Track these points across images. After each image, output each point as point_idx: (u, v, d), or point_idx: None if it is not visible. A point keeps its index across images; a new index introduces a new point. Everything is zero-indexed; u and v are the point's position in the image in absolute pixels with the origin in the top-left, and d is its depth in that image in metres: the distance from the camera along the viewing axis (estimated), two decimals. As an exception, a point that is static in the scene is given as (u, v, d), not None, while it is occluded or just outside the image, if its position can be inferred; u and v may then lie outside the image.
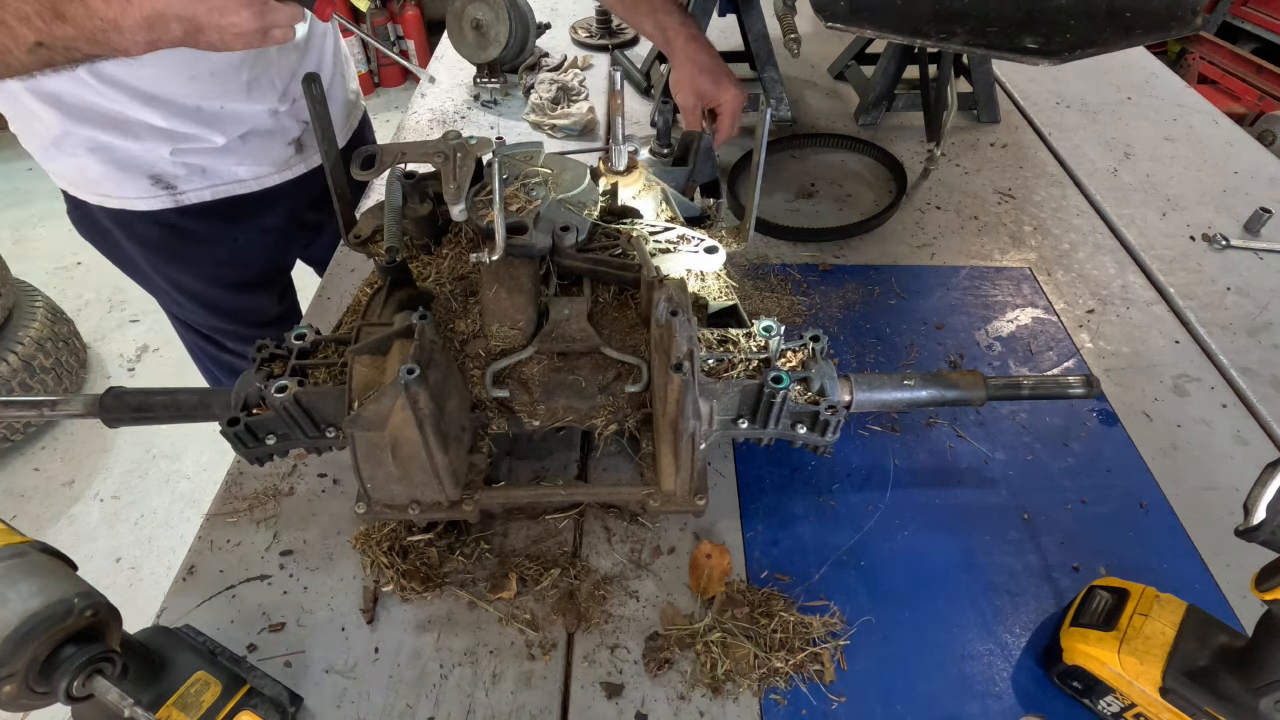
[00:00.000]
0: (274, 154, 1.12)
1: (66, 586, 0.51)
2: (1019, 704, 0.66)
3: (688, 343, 0.61)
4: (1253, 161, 1.35)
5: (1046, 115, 1.49)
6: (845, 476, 0.83)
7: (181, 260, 1.15)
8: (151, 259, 1.14)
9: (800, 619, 0.70)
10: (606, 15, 1.70)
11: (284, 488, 0.82)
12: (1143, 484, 0.83)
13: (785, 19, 1.19)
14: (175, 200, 1.07)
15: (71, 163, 1.01)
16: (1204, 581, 0.75)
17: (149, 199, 1.06)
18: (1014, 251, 1.16)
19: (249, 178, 1.11)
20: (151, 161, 1.02)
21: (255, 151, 1.09)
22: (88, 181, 1.04)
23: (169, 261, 1.15)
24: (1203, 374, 0.97)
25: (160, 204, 1.06)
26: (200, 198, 1.08)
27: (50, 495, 2.23)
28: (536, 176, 0.83)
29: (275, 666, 0.68)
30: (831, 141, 1.38)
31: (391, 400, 0.58)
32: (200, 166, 1.06)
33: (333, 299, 1.06)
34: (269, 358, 0.70)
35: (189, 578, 0.75)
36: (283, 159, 1.13)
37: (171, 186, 1.06)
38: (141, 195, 1.05)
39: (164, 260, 1.14)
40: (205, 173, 1.07)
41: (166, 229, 1.10)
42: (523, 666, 0.68)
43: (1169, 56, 3.43)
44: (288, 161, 1.14)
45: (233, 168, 1.09)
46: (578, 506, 0.79)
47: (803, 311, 1.04)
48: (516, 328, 0.74)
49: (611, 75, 0.83)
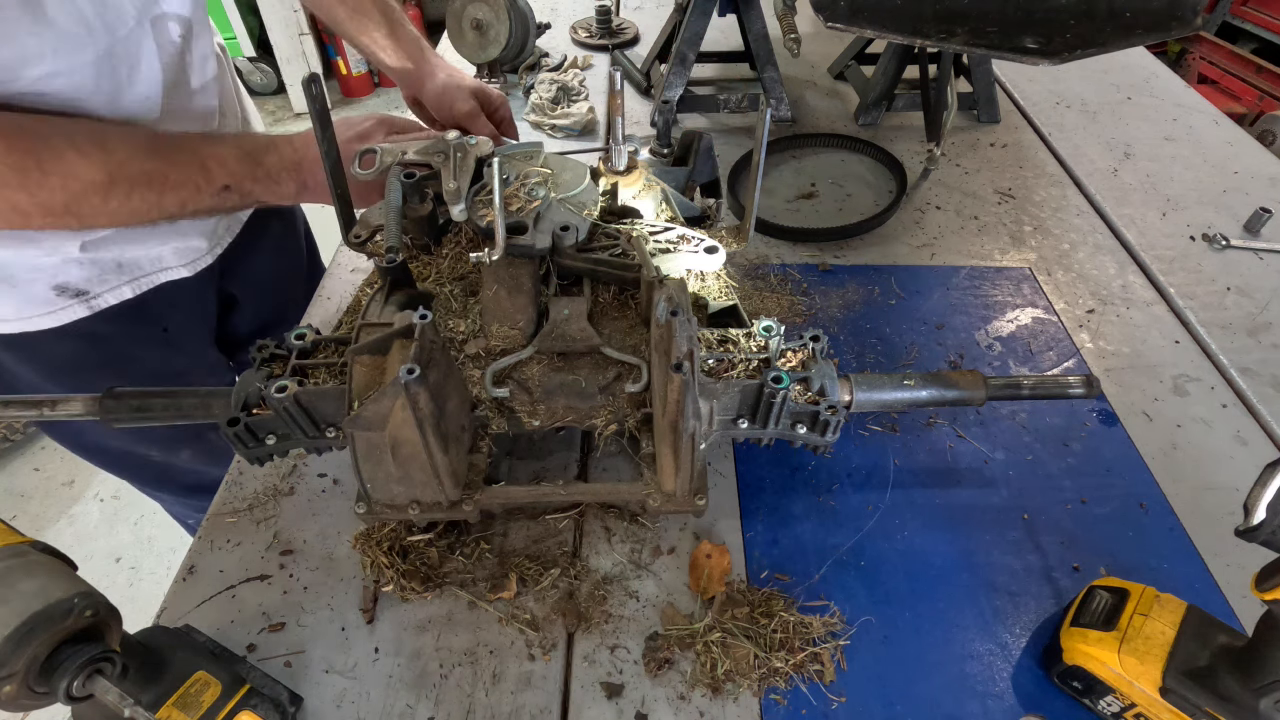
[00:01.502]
0: (201, 224, 0.96)
1: (66, 586, 0.51)
2: (1019, 704, 0.66)
3: (688, 343, 0.61)
4: (1253, 161, 1.35)
5: (1046, 115, 1.49)
6: (845, 476, 0.83)
7: (106, 373, 0.94)
8: (65, 382, 0.94)
9: (800, 619, 0.70)
10: (606, 15, 1.70)
11: (284, 488, 0.82)
12: (1143, 484, 0.83)
13: (785, 19, 1.19)
14: (90, 308, 0.89)
15: None
16: (1204, 581, 0.75)
17: (57, 312, 0.87)
18: (1014, 251, 1.16)
19: (176, 263, 0.95)
20: (55, 267, 0.85)
21: (180, 226, 0.91)
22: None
23: (90, 380, 0.90)
24: (1203, 374, 0.97)
25: (71, 315, 0.88)
26: (120, 297, 0.91)
27: (50, 495, 2.23)
28: (536, 176, 0.83)
29: (275, 666, 0.68)
30: (831, 141, 1.38)
31: (391, 400, 0.58)
32: (114, 261, 0.88)
33: (333, 299, 1.06)
34: (269, 358, 0.70)
35: (189, 578, 0.75)
36: (209, 228, 0.99)
37: (83, 292, 0.87)
38: (45, 310, 0.86)
39: (83, 380, 0.93)
40: (121, 267, 0.90)
41: (80, 342, 0.91)
42: (523, 666, 0.68)
43: (1169, 56, 3.43)
44: (215, 230, 1.00)
45: (155, 251, 0.92)
46: (578, 506, 0.79)
47: (803, 311, 1.04)
48: (516, 328, 0.74)
49: (611, 75, 0.83)
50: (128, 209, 0.76)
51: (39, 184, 0.70)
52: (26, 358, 0.91)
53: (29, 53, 0.68)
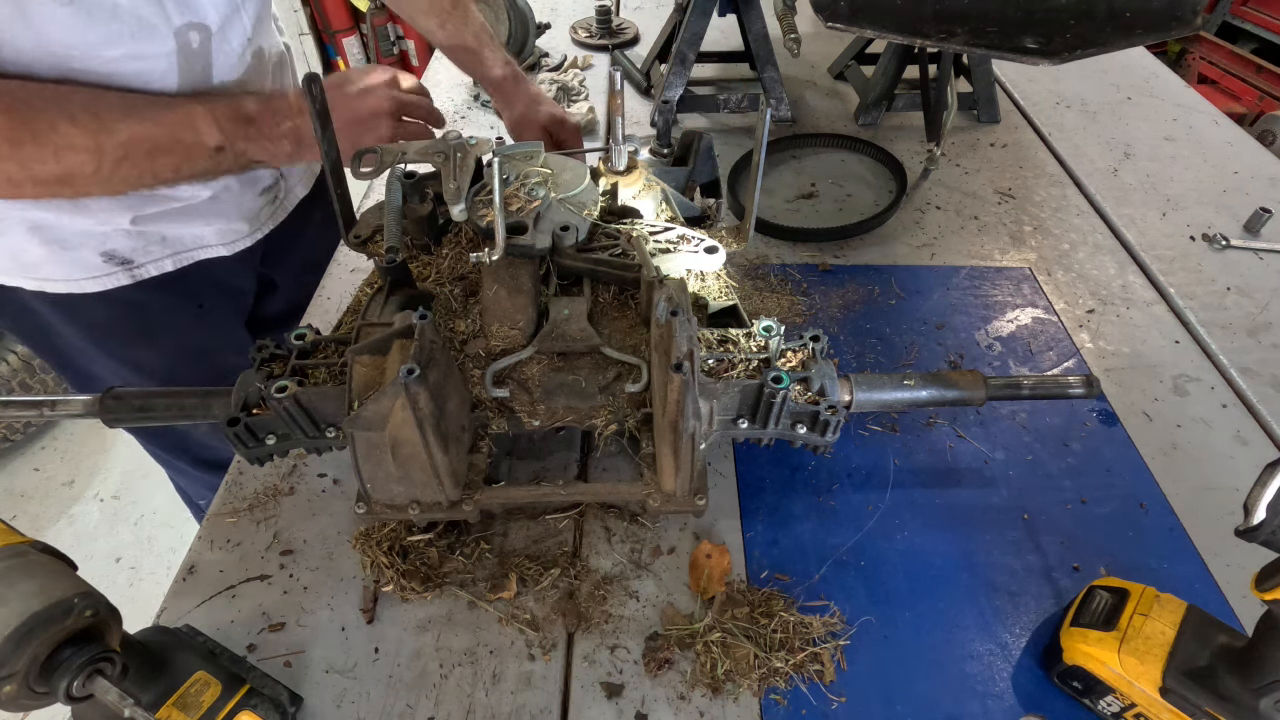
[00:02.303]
0: (245, 207, 0.99)
1: (66, 586, 0.51)
2: (1019, 704, 0.66)
3: (688, 343, 0.61)
4: (1253, 161, 1.35)
5: (1046, 115, 1.49)
6: (845, 476, 0.83)
7: (141, 339, 1.01)
8: (102, 343, 0.99)
9: (800, 619, 0.70)
10: (607, 15, 1.70)
11: (284, 488, 0.82)
12: (1143, 484, 0.83)
13: (785, 19, 1.19)
14: (132, 276, 0.93)
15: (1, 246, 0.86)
16: (1204, 581, 0.75)
17: (102, 278, 0.91)
18: (1014, 251, 1.16)
19: (216, 242, 0.98)
20: (105, 235, 0.88)
21: (224, 208, 0.96)
22: (21, 267, 0.89)
23: (125, 344, 1.00)
24: (1203, 374, 0.97)
25: (115, 282, 0.92)
26: (161, 269, 0.95)
27: (50, 495, 2.23)
28: (536, 176, 0.83)
29: (275, 666, 0.68)
30: (831, 141, 1.38)
31: (391, 400, 0.58)
32: (160, 234, 0.92)
33: (333, 299, 1.06)
34: (269, 358, 0.70)
35: (189, 578, 0.75)
36: (253, 211, 1.01)
37: (128, 261, 0.92)
38: (92, 274, 0.90)
39: (119, 343, 1.00)
40: (165, 240, 0.93)
41: (120, 308, 0.95)
42: (523, 666, 0.68)
43: (1169, 56, 3.43)
44: (258, 215, 1.03)
45: (199, 230, 0.96)
46: (578, 506, 0.79)
47: (803, 311, 1.04)
48: (516, 328, 0.74)
49: (611, 75, 0.83)
50: (119, 175, 0.76)
51: (33, 156, 0.70)
52: (70, 317, 0.95)
53: (110, 35, 0.73)
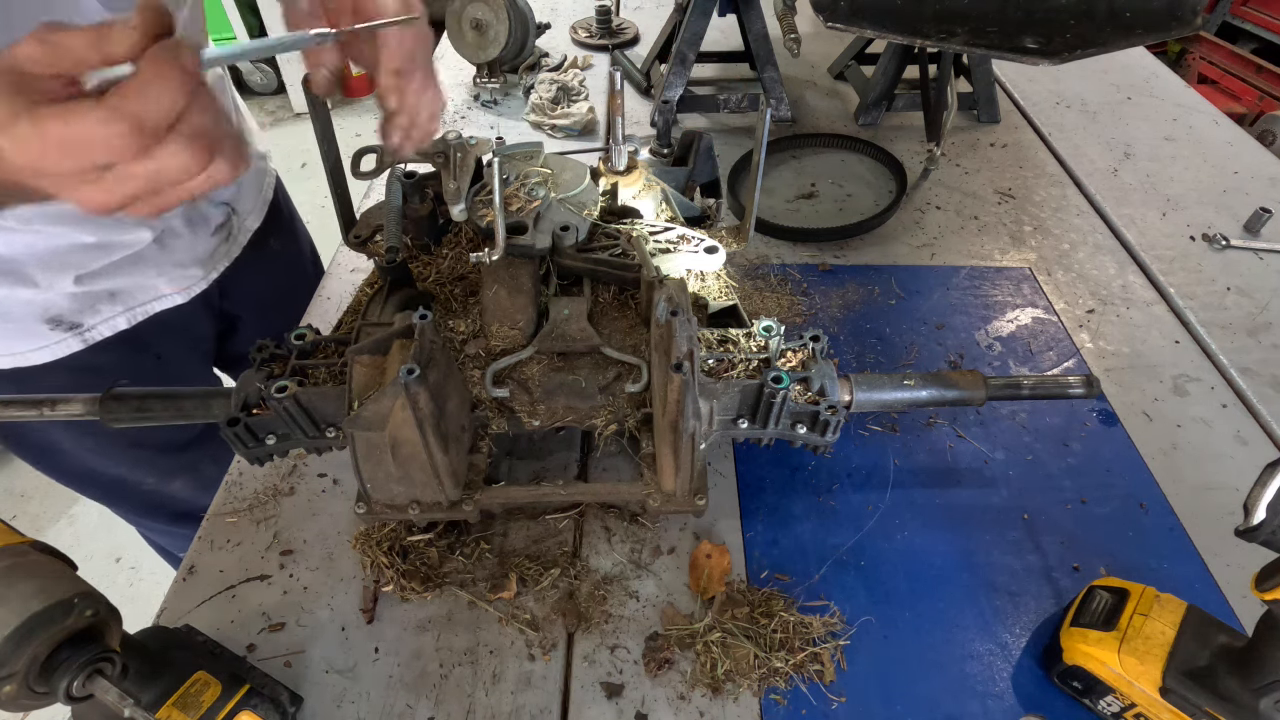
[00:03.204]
0: (197, 250, 0.93)
1: (66, 586, 0.51)
2: (1019, 704, 0.66)
3: (688, 343, 0.61)
4: (1253, 161, 1.35)
5: (1046, 115, 1.49)
6: (845, 476, 0.83)
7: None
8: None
9: (800, 619, 0.70)
10: (606, 15, 1.70)
11: (284, 488, 0.82)
12: (1143, 484, 0.83)
13: (785, 19, 1.19)
14: (84, 340, 0.86)
15: None
16: (1204, 581, 0.75)
17: (51, 346, 0.84)
18: (1014, 251, 1.16)
19: (170, 290, 0.91)
20: (47, 301, 0.81)
21: (174, 254, 0.90)
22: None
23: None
24: (1203, 374, 0.97)
25: (66, 349, 0.85)
26: (115, 328, 0.88)
27: (50, 495, 2.23)
28: (536, 176, 0.83)
29: (275, 666, 0.68)
30: (831, 141, 1.38)
31: (391, 400, 0.58)
32: (107, 291, 0.85)
33: (333, 299, 1.06)
34: (269, 358, 0.70)
35: (189, 578, 0.75)
36: (206, 253, 0.95)
37: (76, 325, 0.84)
38: (38, 345, 0.83)
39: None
40: (115, 296, 0.86)
41: (74, 375, 0.87)
42: (523, 666, 0.68)
43: (1169, 56, 3.43)
44: (212, 255, 0.96)
45: (149, 280, 0.89)
46: (578, 506, 0.79)
47: (803, 311, 1.04)
48: (516, 328, 0.74)
49: (611, 75, 0.83)
50: None
51: None
52: (17, 391, 0.88)
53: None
